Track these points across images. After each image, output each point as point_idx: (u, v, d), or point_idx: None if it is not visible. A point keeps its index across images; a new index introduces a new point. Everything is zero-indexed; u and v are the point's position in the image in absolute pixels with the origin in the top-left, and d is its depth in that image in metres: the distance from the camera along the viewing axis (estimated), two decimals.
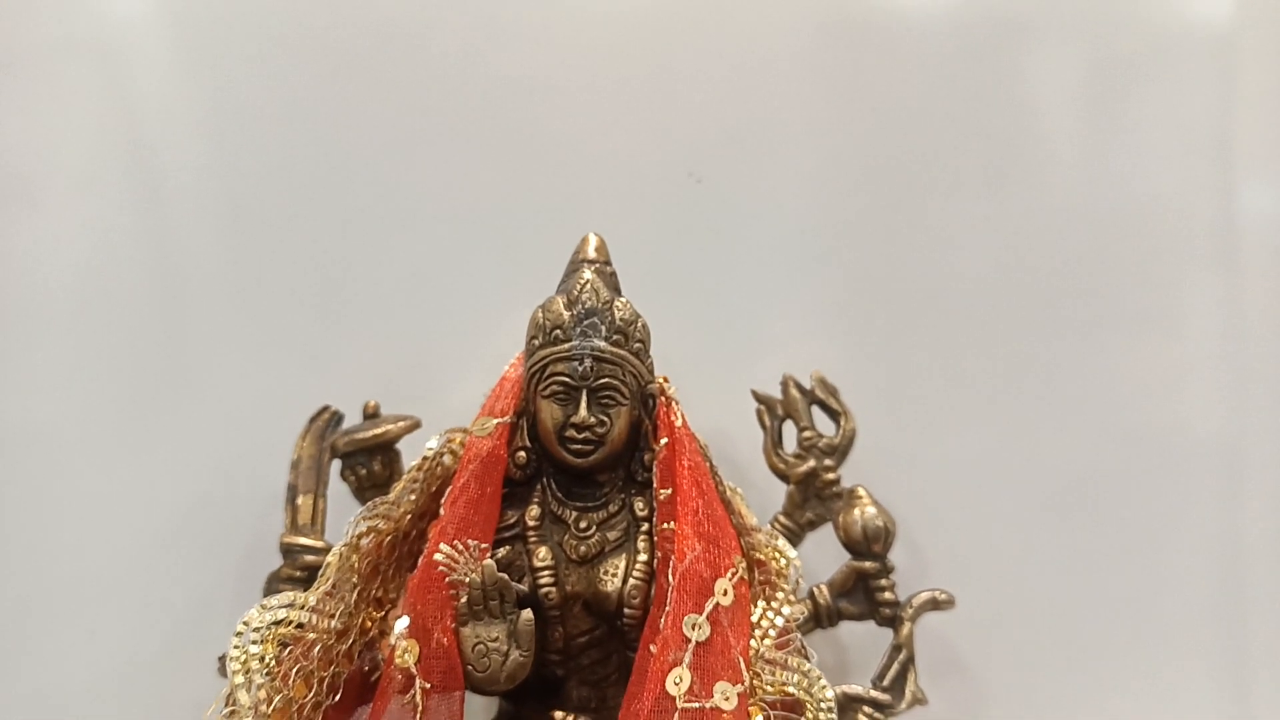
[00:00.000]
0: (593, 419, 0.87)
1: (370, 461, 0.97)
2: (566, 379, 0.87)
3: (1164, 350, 1.22)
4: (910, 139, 1.23)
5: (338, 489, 0.99)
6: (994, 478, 1.18)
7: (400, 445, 0.99)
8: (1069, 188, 1.22)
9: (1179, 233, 1.22)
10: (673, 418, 0.91)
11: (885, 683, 0.95)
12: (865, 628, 1.00)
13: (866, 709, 0.94)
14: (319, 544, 0.95)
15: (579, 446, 0.88)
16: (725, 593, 0.83)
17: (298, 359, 1.13)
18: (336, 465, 0.99)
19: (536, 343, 0.88)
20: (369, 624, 0.83)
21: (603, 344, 0.87)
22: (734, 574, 0.85)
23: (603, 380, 0.87)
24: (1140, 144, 1.23)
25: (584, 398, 0.87)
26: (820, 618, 0.97)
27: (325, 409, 0.99)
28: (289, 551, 0.95)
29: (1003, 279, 1.21)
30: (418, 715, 0.77)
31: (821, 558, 1.02)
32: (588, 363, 0.86)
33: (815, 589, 0.98)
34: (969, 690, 1.23)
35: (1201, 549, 1.21)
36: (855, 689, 0.94)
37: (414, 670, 0.79)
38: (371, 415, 0.99)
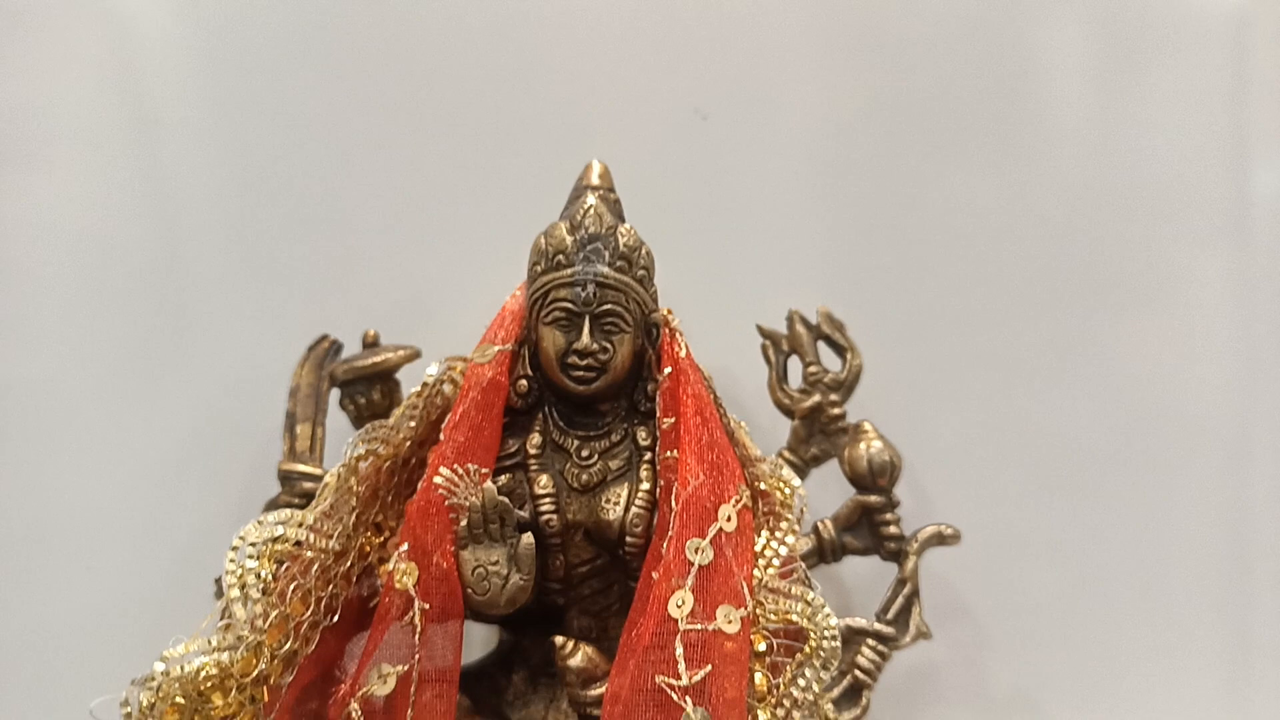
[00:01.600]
0: (595, 345, 0.86)
1: (369, 390, 0.96)
2: (569, 305, 0.85)
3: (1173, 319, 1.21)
4: (919, 79, 1.21)
5: (337, 420, 0.98)
6: (999, 416, 1.17)
7: (400, 376, 0.98)
8: (1078, 158, 1.21)
9: (1189, 210, 1.21)
10: (676, 348, 0.90)
11: (889, 616, 0.94)
12: (868, 564, 0.99)
13: (870, 642, 0.93)
14: (317, 471, 0.94)
15: (581, 373, 0.87)
16: (729, 519, 0.82)
17: (297, 290, 1.11)
18: (336, 395, 0.98)
19: (539, 268, 0.87)
20: (368, 548, 0.82)
21: (606, 270, 0.85)
22: (738, 501, 0.84)
23: (605, 306, 0.86)
24: (1151, 120, 1.21)
25: (586, 324, 0.86)
26: (824, 552, 0.96)
27: (324, 338, 0.98)
28: (287, 479, 0.94)
29: (1011, 227, 1.19)
30: (416, 637, 0.76)
31: (825, 495, 1.00)
32: (590, 288, 0.85)
33: (820, 523, 0.97)
34: (971, 629, 1.23)
35: (1209, 495, 1.21)
36: (859, 622, 0.93)
37: (413, 593, 0.78)
38: (371, 344, 0.98)
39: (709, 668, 0.75)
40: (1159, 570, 1.23)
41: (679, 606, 0.77)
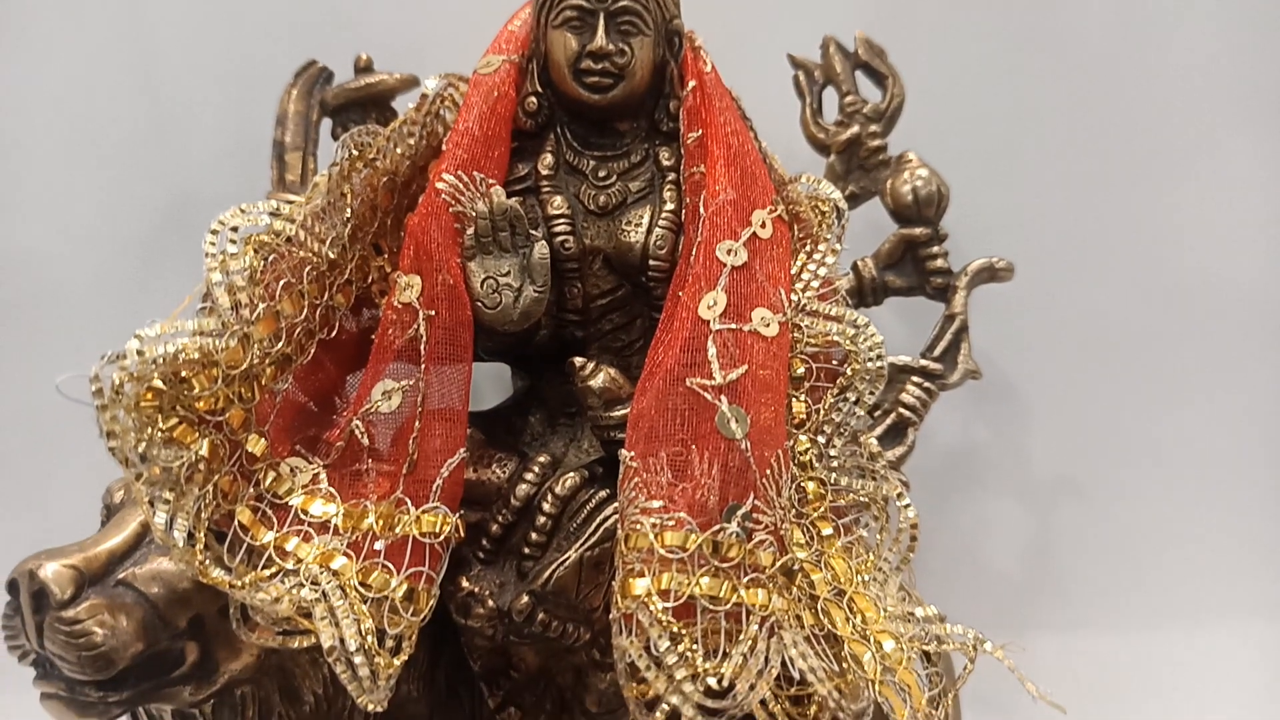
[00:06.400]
0: (611, 47, 0.77)
1: (364, 118, 0.88)
2: (581, 2, 0.77)
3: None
4: None
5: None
6: (1048, 143, 1.09)
7: (397, 106, 0.89)
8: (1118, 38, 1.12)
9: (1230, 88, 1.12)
10: (701, 64, 0.81)
11: (936, 353, 0.87)
12: (907, 308, 0.92)
13: (915, 379, 0.86)
14: None
15: (596, 79, 0.78)
16: (763, 224, 0.74)
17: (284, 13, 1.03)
18: (327, 127, 0.90)
19: None
20: (368, 269, 0.75)
21: None
22: (772, 210, 0.76)
23: (622, 3, 0.77)
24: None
25: (601, 23, 0.77)
26: (864, 293, 0.89)
27: (312, 63, 0.89)
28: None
29: None
30: (423, 347, 0.69)
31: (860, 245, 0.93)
32: None
33: (859, 262, 0.89)
34: (1013, 412, 1.17)
35: None
36: (903, 358, 0.86)
37: (417, 305, 0.70)
38: (364, 70, 0.89)
39: (744, 368, 0.68)
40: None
41: (710, 307, 0.70)
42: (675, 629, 0.61)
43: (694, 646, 0.61)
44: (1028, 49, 1.11)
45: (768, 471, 0.67)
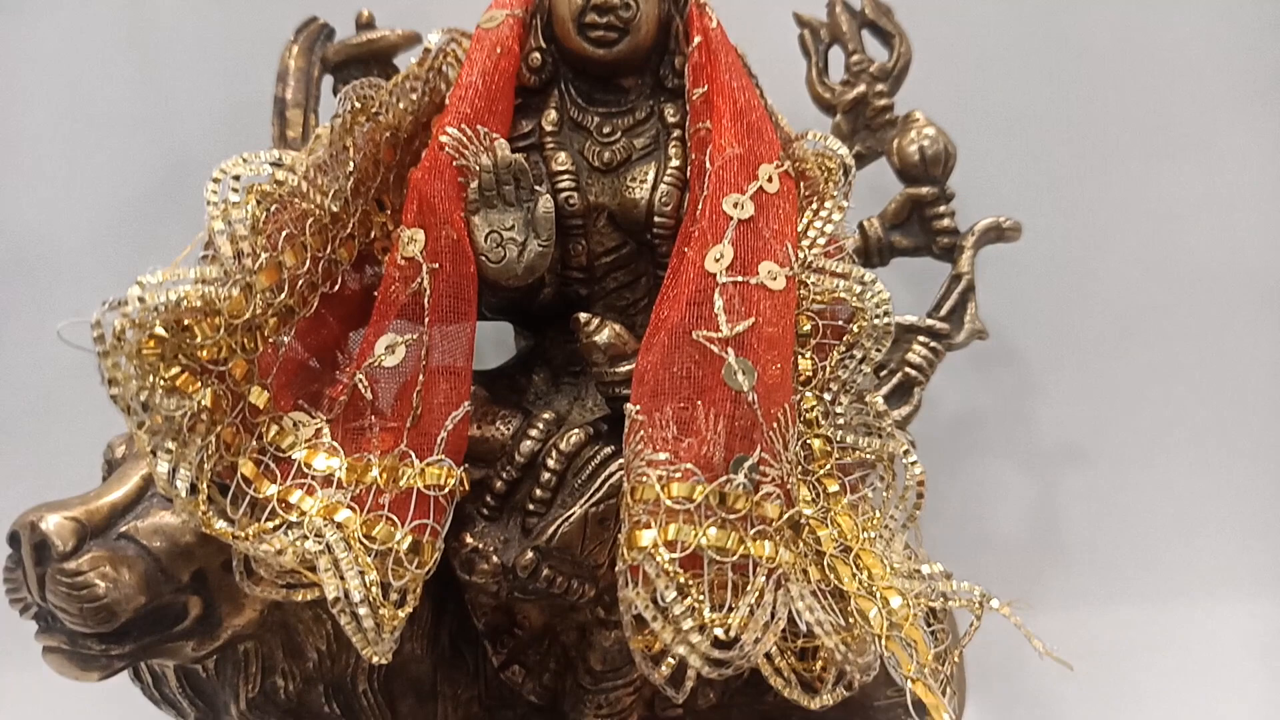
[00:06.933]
0: (616, 0, 0.76)
1: (365, 75, 0.85)
2: None
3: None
4: None
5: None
6: (1056, 102, 1.08)
7: (399, 63, 0.88)
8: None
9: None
10: (706, 20, 0.80)
11: (943, 313, 0.86)
12: (913, 272, 0.91)
13: (922, 339, 0.85)
14: None
15: (601, 34, 0.77)
16: (770, 179, 0.73)
17: None
18: (329, 85, 0.89)
19: None
20: (371, 225, 0.74)
21: None
22: (779, 165, 0.75)
23: None
24: None
25: None
26: (870, 253, 0.88)
27: (313, 19, 0.88)
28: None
29: None
30: (426, 301, 0.69)
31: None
32: None
33: (865, 222, 0.88)
34: (1018, 377, 1.17)
35: None
36: (909, 318, 0.85)
37: (420, 258, 0.70)
38: (366, 26, 0.88)
39: (752, 320, 0.67)
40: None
41: (717, 260, 0.69)
42: (682, 580, 0.61)
43: (701, 598, 0.61)
44: (1037, 6, 1.09)
45: (774, 425, 0.66)
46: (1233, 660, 1.14)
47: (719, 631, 0.60)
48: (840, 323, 0.75)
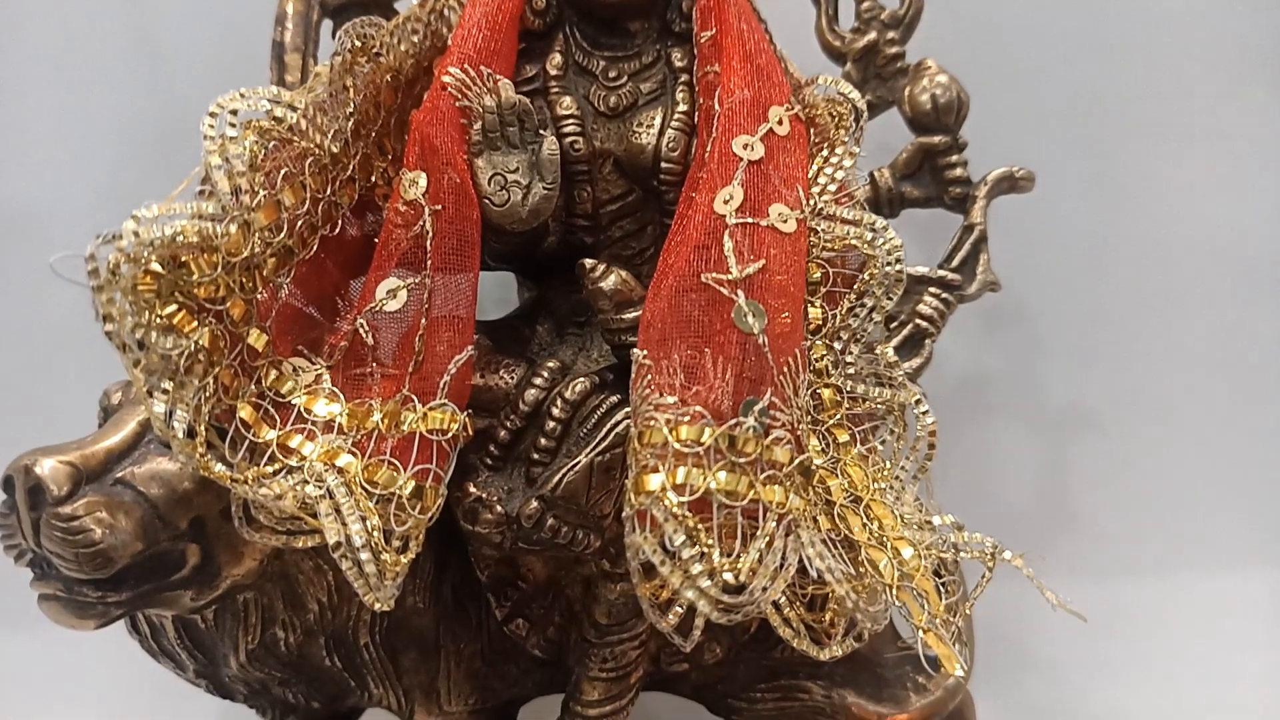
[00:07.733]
0: None
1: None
2: None
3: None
4: None
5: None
6: (1070, 50, 1.06)
7: (399, 8, 0.86)
8: None
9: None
10: None
11: (954, 264, 0.84)
12: (923, 226, 0.89)
13: (933, 290, 0.84)
14: None
15: None
16: (780, 121, 0.72)
17: None
18: (328, 29, 0.87)
19: None
20: (372, 169, 0.72)
21: None
22: (789, 108, 0.73)
23: None
24: None
25: None
26: (880, 203, 0.86)
27: None
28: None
29: None
30: (429, 243, 0.67)
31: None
32: None
33: (875, 172, 0.86)
34: (1026, 340, 1.15)
35: None
36: (920, 269, 0.84)
37: (422, 201, 0.68)
38: None
39: (762, 262, 0.66)
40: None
41: (726, 202, 0.67)
42: (691, 524, 0.59)
43: (710, 543, 0.59)
44: None
45: (785, 370, 0.65)
46: (1241, 627, 1.13)
47: (728, 576, 0.59)
48: (851, 270, 0.73)
